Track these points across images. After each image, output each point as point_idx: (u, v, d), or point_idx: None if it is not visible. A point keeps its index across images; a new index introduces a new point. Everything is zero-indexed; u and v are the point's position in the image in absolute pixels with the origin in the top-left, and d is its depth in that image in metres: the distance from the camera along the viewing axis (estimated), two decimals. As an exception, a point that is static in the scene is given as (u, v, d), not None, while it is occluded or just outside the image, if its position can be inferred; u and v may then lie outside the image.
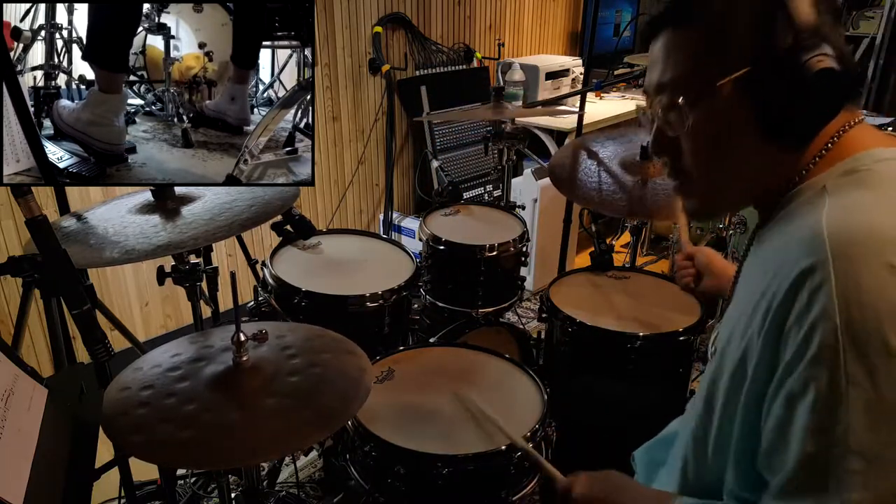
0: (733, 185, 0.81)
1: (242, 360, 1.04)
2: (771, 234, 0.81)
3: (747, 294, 0.78)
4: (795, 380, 0.65)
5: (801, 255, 0.66)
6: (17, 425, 0.80)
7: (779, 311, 0.67)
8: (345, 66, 3.12)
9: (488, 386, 1.43)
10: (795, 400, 0.65)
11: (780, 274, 0.69)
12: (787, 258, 0.68)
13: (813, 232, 0.67)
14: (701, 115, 0.76)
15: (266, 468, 1.89)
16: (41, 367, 2.39)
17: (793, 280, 0.66)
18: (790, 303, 0.66)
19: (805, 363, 0.64)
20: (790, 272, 0.67)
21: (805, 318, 0.64)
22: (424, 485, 1.22)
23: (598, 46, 3.86)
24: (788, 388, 0.66)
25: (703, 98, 0.75)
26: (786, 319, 0.66)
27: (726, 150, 0.78)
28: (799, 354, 0.64)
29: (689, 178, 0.82)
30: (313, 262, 1.81)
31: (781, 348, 0.67)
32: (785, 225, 0.77)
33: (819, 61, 0.70)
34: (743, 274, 0.91)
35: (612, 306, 1.79)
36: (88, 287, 1.34)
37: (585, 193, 1.83)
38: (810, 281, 0.64)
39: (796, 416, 0.65)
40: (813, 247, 0.66)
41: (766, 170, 0.78)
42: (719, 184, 0.81)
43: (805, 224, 0.70)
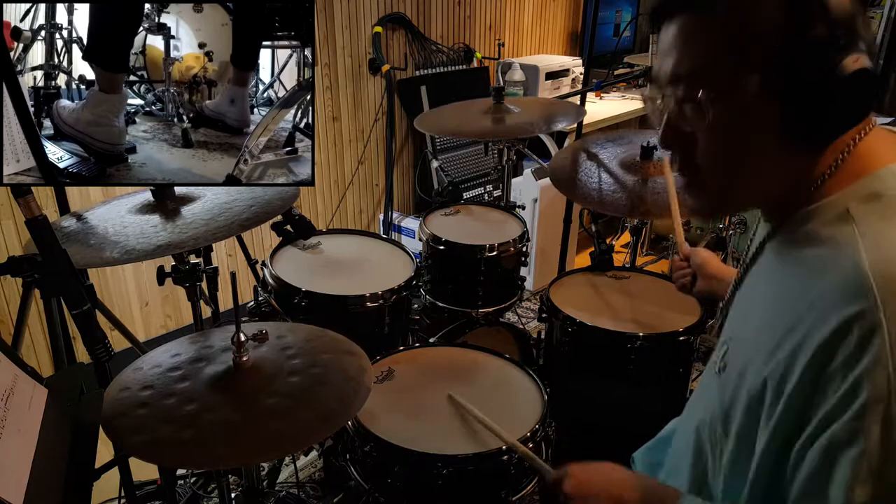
0: (746, 185, 0.77)
1: (242, 360, 1.04)
2: (790, 253, 0.77)
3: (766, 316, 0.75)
4: (840, 429, 0.62)
5: (846, 298, 0.63)
6: (17, 425, 0.80)
7: (819, 353, 0.64)
8: (345, 66, 3.12)
9: (488, 386, 1.43)
10: (839, 450, 0.62)
11: (816, 310, 0.66)
12: (824, 297, 0.65)
13: (855, 272, 0.64)
14: (721, 110, 0.71)
15: (266, 468, 1.89)
16: (41, 367, 2.39)
17: (839, 324, 0.63)
18: (834, 347, 0.63)
19: (853, 412, 0.61)
20: (832, 314, 0.64)
21: (854, 365, 0.61)
22: (424, 485, 1.22)
23: (598, 46, 3.87)
24: (831, 438, 0.63)
25: (725, 93, 0.70)
26: (827, 364, 0.64)
27: (744, 149, 0.73)
28: (845, 403, 0.62)
29: (700, 174, 0.78)
30: (313, 262, 1.81)
31: (820, 393, 0.64)
32: (808, 248, 0.73)
33: (855, 61, 0.65)
34: (752, 284, 0.87)
35: (613, 306, 1.79)
36: (88, 287, 1.34)
37: (585, 193, 1.83)
38: (858, 327, 0.61)
39: (838, 467, 0.62)
40: (859, 290, 0.63)
41: (781, 172, 0.74)
42: (731, 183, 0.77)
43: (841, 260, 0.66)
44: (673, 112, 0.76)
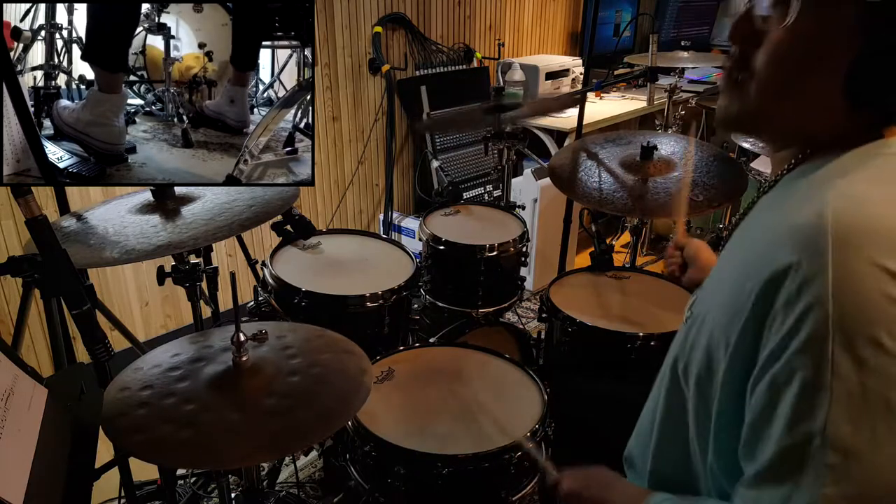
0: (786, 112, 0.75)
1: (242, 360, 1.04)
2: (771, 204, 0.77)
3: (733, 262, 0.76)
4: (781, 368, 0.63)
5: (798, 237, 0.64)
6: (17, 425, 0.80)
7: (764, 293, 0.65)
8: (345, 66, 3.12)
9: (488, 386, 1.43)
10: (779, 389, 0.63)
11: (770, 253, 0.66)
12: (782, 237, 0.66)
13: (816, 215, 0.64)
14: (804, 25, 0.69)
15: (266, 468, 1.89)
16: (41, 367, 2.39)
17: (786, 262, 0.63)
18: (777, 286, 0.64)
19: (791, 351, 0.62)
20: (783, 253, 0.64)
21: (795, 304, 0.62)
22: (424, 485, 1.22)
23: (598, 46, 3.87)
24: (772, 377, 0.64)
25: (818, 10, 0.68)
26: (772, 304, 0.64)
27: (806, 71, 0.71)
28: (786, 342, 0.63)
29: (748, 79, 0.75)
30: (313, 262, 1.81)
31: (766, 332, 0.65)
32: (784, 200, 0.74)
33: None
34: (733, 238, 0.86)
35: (613, 306, 1.79)
36: (88, 287, 1.34)
37: (585, 193, 1.83)
38: (806, 266, 0.62)
39: (779, 406, 0.63)
40: (813, 230, 0.63)
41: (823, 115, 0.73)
42: (774, 99, 0.74)
43: (808, 205, 0.67)
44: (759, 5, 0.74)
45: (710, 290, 0.81)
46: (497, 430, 1.26)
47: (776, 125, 0.79)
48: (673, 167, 1.87)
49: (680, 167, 1.87)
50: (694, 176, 1.81)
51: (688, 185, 1.46)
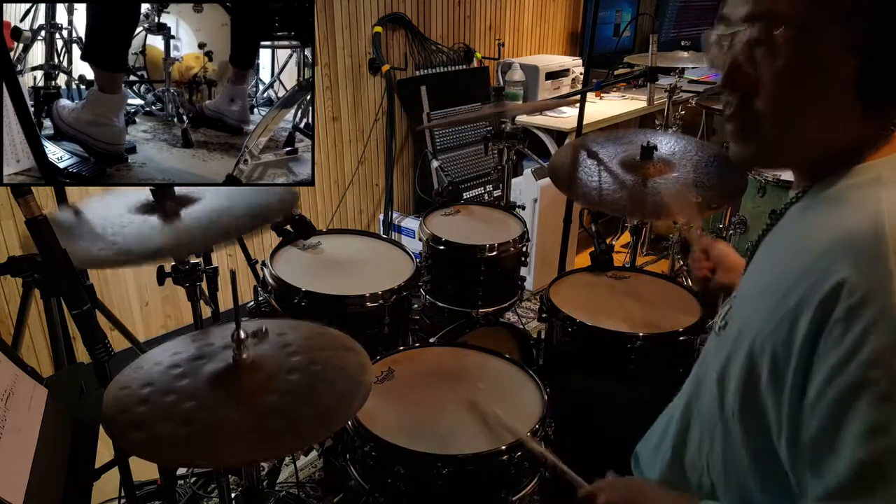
0: (804, 137, 0.74)
1: (242, 357, 1.04)
2: (810, 212, 0.76)
3: (774, 272, 0.74)
4: (848, 381, 0.61)
5: (855, 250, 0.63)
6: (17, 425, 0.80)
7: (825, 303, 0.63)
8: (345, 66, 3.12)
9: (488, 386, 1.43)
10: (848, 403, 0.61)
11: (824, 261, 0.64)
12: (836, 245, 0.65)
13: (873, 223, 0.63)
14: (797, 56, 0.69)
15: (266, 468, 1.89)
16: (41, 367, 2.39)
17: (845, 275, 0.62)
18: (837, 296, 0.62)
19: (859, 364, 0.60)
20: (841, 262, 0.63)
21: (859, 315, 0.60)
22: (424, 485, 1.22)
23: (598, 46, 3.86)
24: (839, 391, 0.62)
25: (805, 38, 0.68)
26: (828, 316, 0.63)
27: (813, 99, 0.71)
28: (851, 354, 0.61)
29: (756, 121, 0.75)
30: (313, 262, 1.81)
31: (823, 345, 0.63)
32: (830, 206, 0.72)
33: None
34: (767, 246, 0.85)
35: (612, 306, 1.79)
36: (88, 287, 1.34)
37: (585, 193, 1.83)
38: (869, 274, 0.61)
39: (848, 420, 0.61)
40: (871, 241, 0.62)
41: (836, 134, 0.72)
42: (791, 132, 0.74)
43: (860, 212, 0.65)
44: (743, 51, 0.74)
45: (747, 301, 0.80)
46: (497, 431, 1.26)
47: (798, 154, 0.78)
48: (673, 168, 1.87)
49: (680, 168, 1.86)
50: (694, 176, 1.81)
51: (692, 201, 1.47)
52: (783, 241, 0.81)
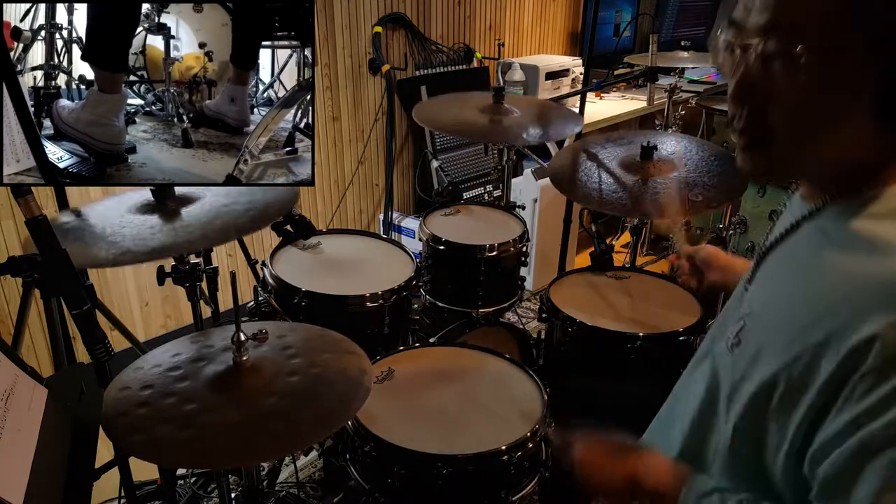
0: (818, 154, 0.71)
1: (242, 359, 1.04)
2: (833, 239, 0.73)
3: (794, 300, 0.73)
4: (873, 435, 0.61)
5: (891, 301, 0.61)
6: (17, 425, 0.80)
7: (854, 353, 0.62)
8: (345, 66, 3.12)
9: (488, 386, 1.43)
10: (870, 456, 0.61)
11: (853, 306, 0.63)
12: (867, 294, 0.63)
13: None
14: (820, 73, 0.65)
15: (266, 468, 1.89)
16: (41, 367, 2.39)
17: (881, 328, 0.60)
18: (870, 350, 0.61)
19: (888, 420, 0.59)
20: (873, 314, 0.61)
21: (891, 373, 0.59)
22: (424, 485, 1.22)
23: (598, 46, 3.86)
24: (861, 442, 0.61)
25: (827, 51, 0.64)
26: (861, 365, 0.62)
27: (829, 116, 0.68)
28: (880, 409, 0.60)
29: (768, 136, 0.72)
30: (313, 262, 1.81)
31: (850, 393, 0.63)
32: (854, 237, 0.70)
33: None
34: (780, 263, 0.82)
35: (612, 306, 1.79)
36: (88, 287, 1.34)
37: (585, 193, 1.83)
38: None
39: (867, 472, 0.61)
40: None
41: (858, 148, 0.69)
42: (804, 149, 0.71)
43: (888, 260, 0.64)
44: (755, 65, 0.70)
45: (763, 323, 0.78)
46: (497, 430, 1.26)
47: (812, 170, 0.76)
48: (673, 167, 1.87)
49: (678, 167, 1.86)
50: (693, 176, 1.81)
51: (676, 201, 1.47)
52: (802, 267, 0.77)
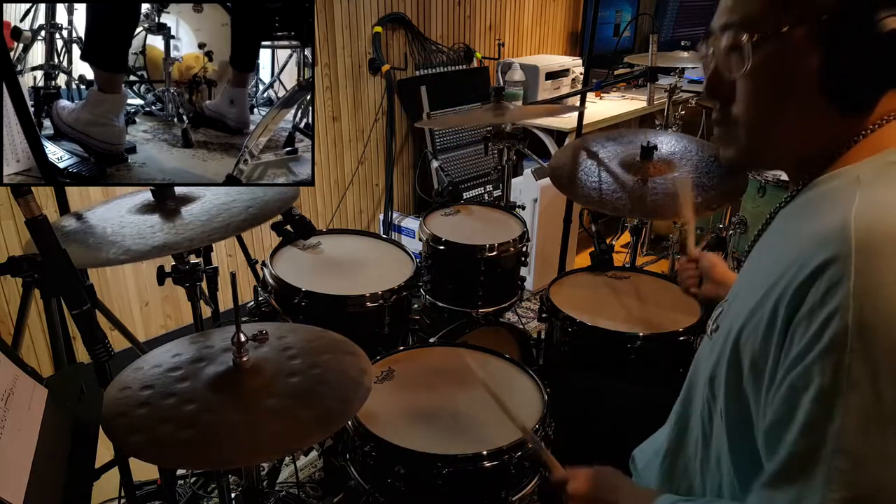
0: (779, 139, 0.79)
1: (243, 360, 1.04)
2: (793, 216, 0.79)
3: (759, 273, 0.76)
4: (799, 374, 0.64)
5: (823, 246, 0.65)
6: (17, 425, 0.80)
7: (792, 300, 0.66)
8: (345, 66, 3.12)
9: (491, 384, 1.43)
10: (797, 394, 0.64)
11: (797, 262, 0.67)
12: (808, 247, 0.67)
13: (840, 223, 0.65)
14: (763, 58, 0.74)
15: (266, 468, 1.89)
16: (41, 367, 2.39)
17: (811, 271, 0.64)
18: (804, 293, 0.64)
19: (811, 358, 0.63)
20: (809, 262, 0.65)
21: (818, 312, 0.63)
22: (424, 485, 1.22)
23: (598, 46, 3.87)
24: (791, 381, 0.65)
25: (769, 41, 0.73)
26: (797, 310, 0.65)
27: (781, 101, 0.75)
28: (806, 349, 0.63)
29: (736, 125, 0.80)
30: (313, 262, 1.81)
31: (789, 340, 0.66)
32: (810, 210, 0.75)
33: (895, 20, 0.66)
34: (757, 251, 0.88)
35: (612, 306, 1.79)
36: (88, 287, 1.34)
37: (585, 193, 1.83)
38: (829, 274, 0.63)
39: (796, 411, 0.64)
40: (837, 239, 0.64)
41: (813, 132, 0.76)
42: (765, 135, 0.79)
43: (833, 214, 0.68)
44: (720, 59, 0.79)
45: (737, 302, 0.82)
46: (497, 430, 1.26)
47: (776, 154, 0.82)
48: (673, 167, 1.87)
49: (681, 170, 1.86)
50: (693, 177, 1.81)
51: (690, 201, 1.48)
52: (770, 243, 0.84)
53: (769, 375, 0.69)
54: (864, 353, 0.60)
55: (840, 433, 0.61)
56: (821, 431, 0.62)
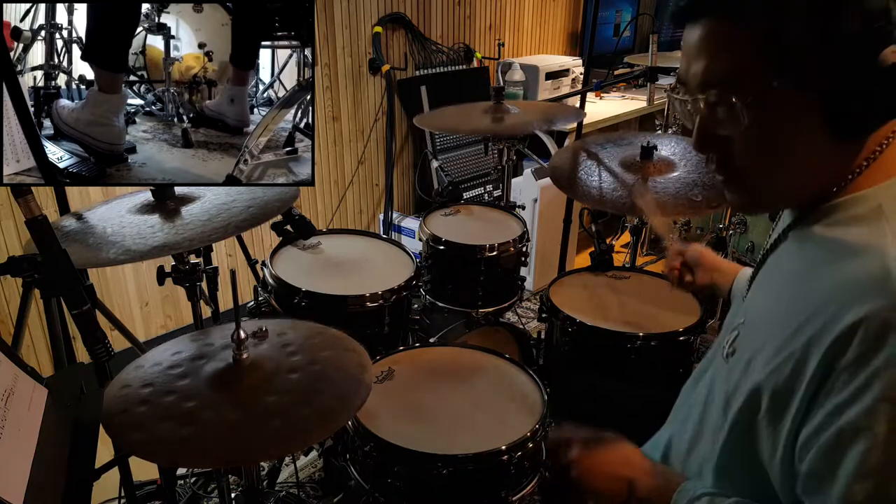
0: (786, 183, 0.76)
1: (242, 357, 1.04)
2: (814, 245, 0.76)
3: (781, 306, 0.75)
4: (848, 424, 0.63)
5: (867, 292, 0.63)
6: (17, 425, 0.80)
7: (833, 346, 0.64)
8: (345, 66, 3.12)
9: (488, 386, 1.43)
10: (845, 445, 0.63)
11: (833, 306, 0.65)
12: (846, 291, 0.66)
13: (882, 270, 0.64)
14: (758, 114, 0.70)
15: (266, 468, 1.89)
16: (41, 367, 2.39)
17: (857, 318, 0.63)
18: (848, 341, 0.63)
19: (862, 408, 0.62)
20: (850, 309, 0.64)
21: (867, 361, 0.62)
22: (424, 485, 1.22)
23: (598, 46, 3.87)
24: (838, 432, 0.64)
25: (760, 96, 0.69)
26: (840, 357, 0.64)
27: (783, 148, 0.73)
28: (854, 398, 0.62)
29: (739, 175, 0.77)
30: (313, 262, 1.81)
31: (830, 386, 0.65)
32: (836, 244, 0.73)
33: (894, 52, 0.65)
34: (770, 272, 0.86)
35: (612, 306, 1.79)
36: (88, 287, 1.34)
37: (586, 192, 1.83)
38: (877, 323, 0.62)
39: (843, 462, 0.63)
40: (881, 286, 0.63)
41: (820, 167, 0.74)
42: (772, 182, 0.76)
43: (869, 257, 0.66)
44: (706, 116, 0.75)
45: (755, 332, 0.80)
46: (497, 430, 1.26)
47: (789, 195, 0.79)
48: (673, 167, 1.87)
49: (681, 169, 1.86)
50: (693, 176, 1.81)
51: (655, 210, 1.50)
52: (787, 273, 0.81)
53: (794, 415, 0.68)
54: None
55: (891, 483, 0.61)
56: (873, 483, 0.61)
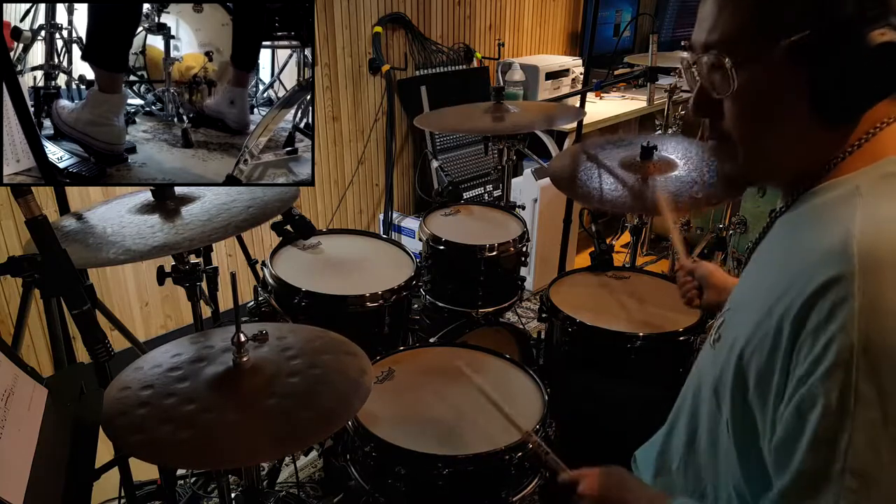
0: (771, 153, 0.78)
1: (243, 360, 1.04)
2: (794, 226, 0.78)
3: (762, 285, 0.76)
4: (806, 392, 0.64)
5: (827, 264, 0.64)
6: (17, 425, 0.80)
7: (797, 317, 0.66)
8: (345, 66, 3.12)
9: (488, 386, 1.43)
10: (805, 412, 0.64)
11: (802, 278, 0.67)
12: (811, 263, 0.67)
13: (843, 241, 0.65)
14: (748, 78, 0.73)
15: (266, 468, 1.89)
16: (41, 367, 2.39)
17: (815, 288, 0.64)
18: (808, 310, 0.64)
19: (817, 376, 0.63)
20: (813, 279, 0.65)
21: (823, 330, 0.63)
22: (424, 485, 1.22)
23: (598, 46, 3.87)
24: (799, 400, 0.65)
25: (752, 61, 0.72)
26: (802, 327, 0.65)
27: (770, 118, 0.75)
28: (813, 367, 0.63)
29: (728, 142, 0.79)
30: (313, 262, 1.81)
31: (795, 357, 0.66)
32: (811, 221, 0.74)
33: (881, 34, 0.66)
34: (757, 258, 0.88)
35: (612, 306, 1.79)
36: (88, 287, 1.34)
37: (586, 192, 1.83)
38: (833, 293, 0.63)
39: (804, 429, 0.64)
40: (841, 257, 0.64)
41: (805, 144, 0.75)
42: (757, 150, 0.78)
43: (835, 229, 0.68)
44: (705, 79, 0.78)
45: (739, 314, 0.81)
46: (497, 431, 1.26)
47: (771, 170, 0.82)
48: (673, 167, 1.87)
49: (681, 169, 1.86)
50: (694, 175, 1.81)
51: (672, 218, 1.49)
52: (770, 254, 0.83)
53: (776, 391, 0.69)
54: (869, 373, 0.60)
55: (849, 452, 0.61)
56: (830, 450, 0.62)
